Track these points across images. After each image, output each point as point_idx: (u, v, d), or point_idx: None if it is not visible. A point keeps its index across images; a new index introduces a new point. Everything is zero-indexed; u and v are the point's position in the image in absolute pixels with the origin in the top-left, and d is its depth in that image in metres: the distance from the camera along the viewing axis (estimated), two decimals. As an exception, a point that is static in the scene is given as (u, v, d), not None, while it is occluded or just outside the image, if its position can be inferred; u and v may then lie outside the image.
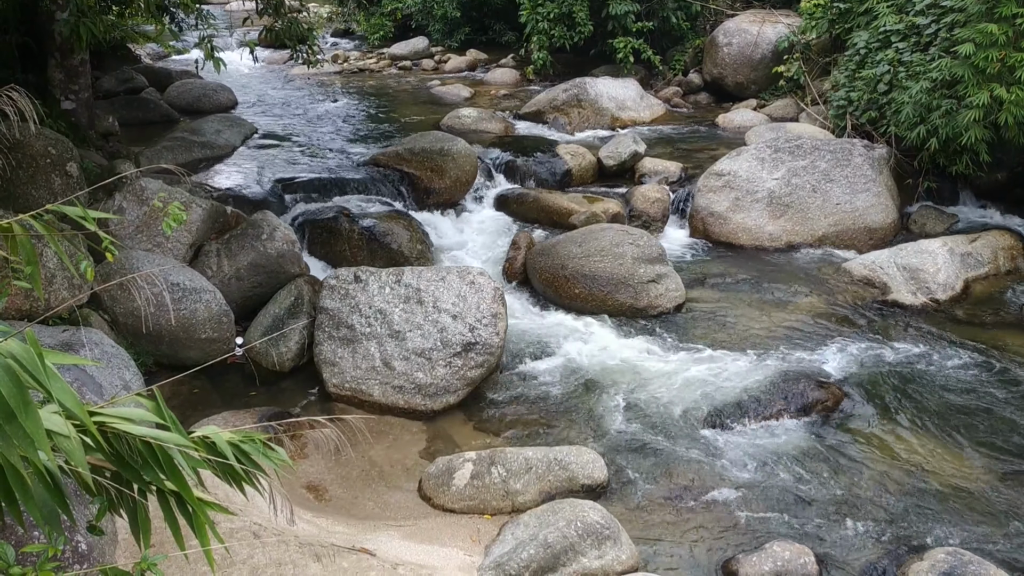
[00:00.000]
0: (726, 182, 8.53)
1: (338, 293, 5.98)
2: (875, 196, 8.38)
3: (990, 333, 6.55)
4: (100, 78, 11.45)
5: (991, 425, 5.36)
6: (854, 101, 9.59)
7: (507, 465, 4.72)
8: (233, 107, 12.59)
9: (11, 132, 5.35)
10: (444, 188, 8.72)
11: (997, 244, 7.75)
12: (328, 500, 4.77)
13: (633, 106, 12.25)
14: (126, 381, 4.88)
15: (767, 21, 12.83)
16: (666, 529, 4.52)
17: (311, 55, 8.20)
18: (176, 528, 1.76)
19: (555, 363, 6.17)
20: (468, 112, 11.70)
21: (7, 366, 1.40)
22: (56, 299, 5.32)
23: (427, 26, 18.63)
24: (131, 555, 3.43)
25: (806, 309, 6.93)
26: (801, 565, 4.12)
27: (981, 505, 4.66)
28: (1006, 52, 7.28)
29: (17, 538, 2.83)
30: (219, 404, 5.62)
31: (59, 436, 1.50)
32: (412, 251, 7.48)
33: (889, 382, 5.83)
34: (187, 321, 5.81)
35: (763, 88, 12.57)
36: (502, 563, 3.97)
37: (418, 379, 5.65)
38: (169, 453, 1.65)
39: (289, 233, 6.77)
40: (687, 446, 5.20)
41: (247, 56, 7.88)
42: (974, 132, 7.58)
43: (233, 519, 3.85)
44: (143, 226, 6.38)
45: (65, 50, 7.65)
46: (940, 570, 3.96)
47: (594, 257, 6.98)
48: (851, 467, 5.00)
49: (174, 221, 2.50)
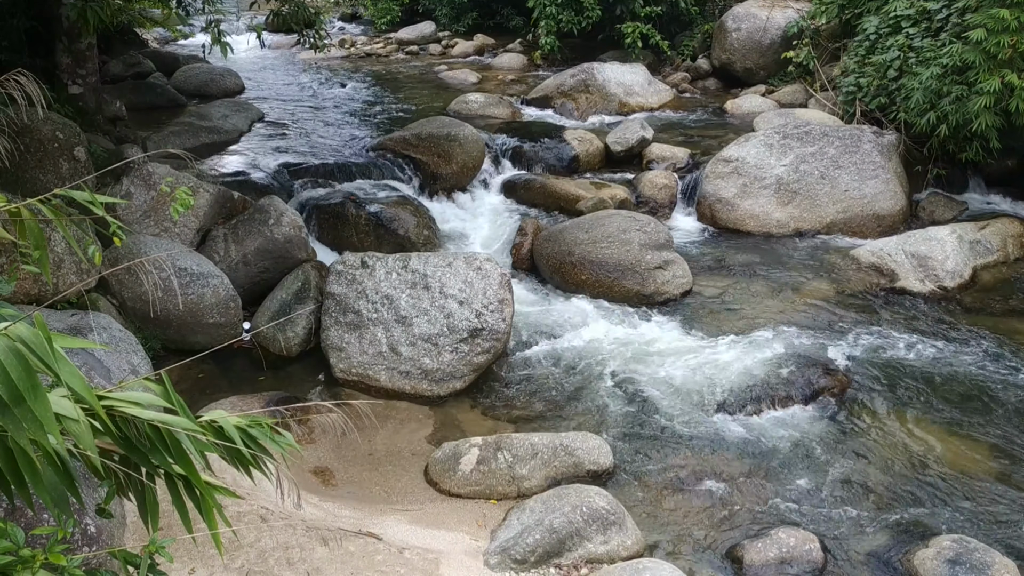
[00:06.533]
0: (734, 168, 8.49)
1: (345, 278, 5.99)
2: (884, 183, 8.34)
3: (998, 321, 6.52)
4: (107, 63, 11.45)
5: (998, 412, 5.35)
6: (863, 87, 9.52)
7: (513, 450, 4.73)
8: (240, 92, 12.57)
9: (19, 116, 5.35)
10: (451, 174, 8.70)
11: (1006, 231, 7.70)
12: (335, 484, 4.79)
13: (641, 92, 12.19)
14: (134, 365, 4.91)
15: (776, 6, 12.72)
16: (672, 515, 4.53)
17: (318, 40, 8.19)
18: (184, 511, 1.77)
19: (561, 349, 6.17)
20: (475, 97, 11.66)
21: (16, 350, 1.40)
22: (64, 283, 5.34)
23: (434, 11, 18.56)
24: (139, 538, 3.46)
25: (813, 296, 6.91)
26: (807, 551, 4.13)
27: (986, 492, 4.65)
28: (1018, 38, 7.21)
29: (27, 520, 2.85)
30: (226, 389, 5.64)
31: (68, 420, 1.51)
32: (419, 237, 7.48)
33: (896, 369, 5.82)
34: (195, 306, 5.83)
35: (772, 74, 12.48)
36: (508, 548, 3.99)
37: (425, 364, 5.66)
38: (177, 437, 1.65)
39: (296, 218, 6.77)
40: (693, 432, 5.21)
41: (254, 41, 7.87)
42: (984, 119, 7.52)
43: (240, 503, 3.87)
44: (150, 211, 6.39)
45: (72, 34, 7.64)
46: (945, 557, 3.96)
47: (601, 243, 6.97)
48: (857, 454, 4.99)
49: (181, 206, 2.50)
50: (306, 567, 3.58)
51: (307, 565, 3.60)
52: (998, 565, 3.91)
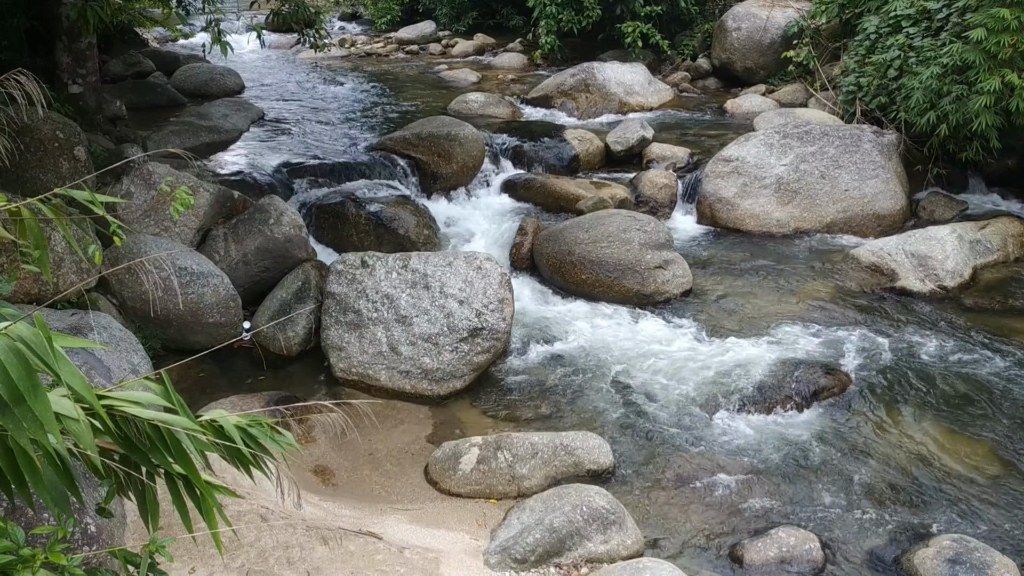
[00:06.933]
0: (734, 168, 8.49)
1: (345, 278, 5.99)
2: (884, 182, 8.34)
3: (998, 320, 6.52)
4: (107, 62, 11.45)
5: (998, 412, 5.35)
6: (864, 87, 9.52)
7: (513, 450, 4.74)
8: (240, 91, 12.56)
9: (19, 116, 5.35)
10: (451, 173, 8.70)
11: (1006, 231, 7.70)
12: (335, 484, 4.79)
13: (641, 91, 12.19)
14: (134, 365, 4.91)
15: (776, 5, 12.73)
16: (672, 514, 4.53)
17: (318, 39, 8.19)
18: (184, 511, 1.77)
19: (561, 348, 6.17)
20: (475, 97, 11.66)
21: (16, 349, 1.41)
22: (64, 283, 5.34)
23: (434, 10, 18.56)
24: (140, 537, 3.46)
25: (813, 296, 6.91)
26: (807, 551, 4.13)
27: (986, 492, 4.65)
28: (1018, 37, 7.21)
29: (27, 520, 2.86)
30: (226, 388, 5.64)
31: (68, 419, 1.51)
32: (419, 236, 7.48)
33: (896, 369, 5.82)
34: (195, 305, 5.83)
35: (772, 73, 12.49)
36: (508, 547, 3.99)
37: (425, 364, 5.66)
38: (177, 436, 1.66)
39: (296, 218, 6.78)
40: (693, 432, 5.21)
41: (254, 40, 7.88)
42: (984, 118, 7.52)
43: (240, 502, 3.87)
44: (151, 210, 6.39)
45: (72, 34, 7.64)
46: (945, 556, 3.97)
47: (601, 243, 6.97)
48: (857, 454, 5.00)
49: (181, 205, 2.50)
50: (306, 566, 3.58)
51: (307, 564, 3.60)
52: (998, 564, 3.91)
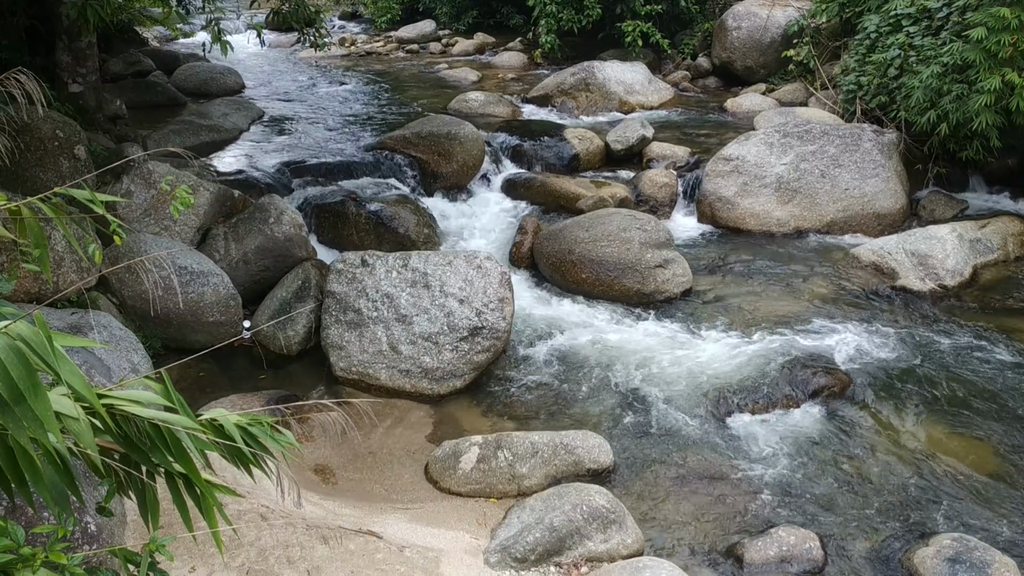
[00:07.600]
0: (734, 167, 8.49)
1: (345, 277, 5.99)
2: (884, 181, 8.34)
3: (999, 319, 6.52)
4: (107, 61, 11.44)
5: (998, 411, 5.34)
6: (864, 86, 9.52)
7: (513, 449, 4.74)
8: (240, 90, 12.57)
9: (19, 115, 5.35)
10: (451, 172, 8.70)
11: (1007, 230, 7.70)
12: (335, 483, 4.79)
13: (641, 90, 12.18)
14: (134, 364, 4.91)
15: (777, 4, 12.72)
16: (672, 513, 4.53)
17: (318, 38, 8.19)
18: (184, 510, 1.77)
19: (561, 348, 6.17)
20: (475, 96, 11.66)
21: (16, 348, 1.41)
22: (64, 282, 5.34)
23: (434, 9, 18.55)
24: (140, 536, 3.46)
25: (813, 295, 6.91)
26: (807, 550, 4.13)
27: (987, 491, 4.65)
28: (1018, 36, 7.20)
29: (27, 519, 2.86)
30: (227, 387, 5.64)
31: (68, 418, 1.51)
32: (419, 235, 7.48)
33: (896, 368, 5.82)
34: (195, 304, 5.83)
35: (772, 72, 12.48)
36: (508, 546, 3.99)
37: (425, 363, 5.67)
38: (177, 436, 1.66)
39: (296, 217, 6.78)
40: (693, 431, 5.21)
41: (254, 39, 7.87)
42: (985, 117, 7.52)
43: (241, 501, 3.87)
44: (151, 209, 6.39)
45: (72, 33, 7.64)
46: (945, 555, 3.97)
47: (601, 242, 6.97)
48: (857, 453, 5.00)
49: (182, 204, 2.50)
50: (306, 565, 3.59)
51: (307, 563, 3.60)
52: (998, 564, 3.91)
